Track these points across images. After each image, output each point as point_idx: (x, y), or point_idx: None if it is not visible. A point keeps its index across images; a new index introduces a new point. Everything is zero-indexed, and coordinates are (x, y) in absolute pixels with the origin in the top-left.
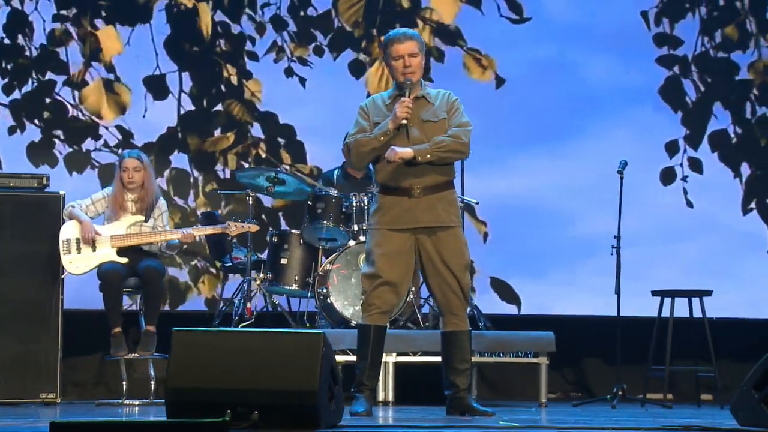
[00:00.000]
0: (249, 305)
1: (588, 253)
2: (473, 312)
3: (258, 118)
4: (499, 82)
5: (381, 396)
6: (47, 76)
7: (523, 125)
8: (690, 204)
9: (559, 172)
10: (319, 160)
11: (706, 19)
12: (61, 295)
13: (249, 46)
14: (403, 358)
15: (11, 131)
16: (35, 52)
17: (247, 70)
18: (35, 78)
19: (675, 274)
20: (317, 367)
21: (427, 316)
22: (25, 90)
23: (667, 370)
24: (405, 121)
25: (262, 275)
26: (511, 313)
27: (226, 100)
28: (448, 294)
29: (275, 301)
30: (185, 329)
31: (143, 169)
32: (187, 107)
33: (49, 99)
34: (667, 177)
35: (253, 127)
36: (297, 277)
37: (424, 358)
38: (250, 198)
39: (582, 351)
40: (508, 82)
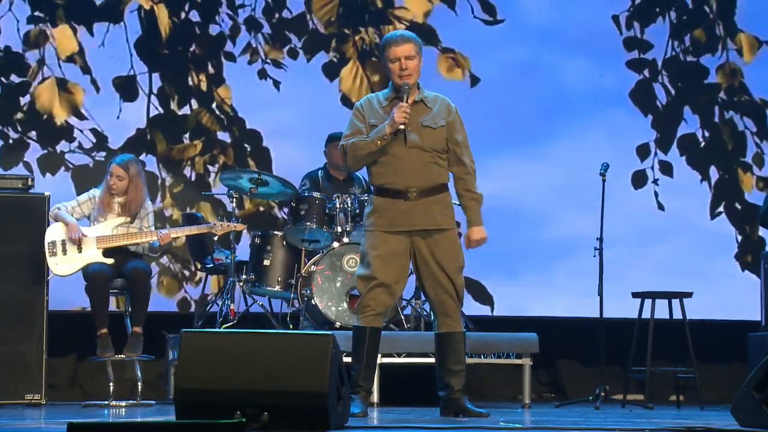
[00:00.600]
0: (233, 306)
1: (561, 255)
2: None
3: (227, 126)
4: (474, 80)
5: None
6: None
7: (496, 127)
8: (661, 207)
9: (532, 173)
10: (294, 162)
11: (675, 23)
12: (46, 296)
13: (228, 46)
14: (387, 360)
15: None
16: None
17: (219, 76)
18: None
19: (646, 276)
20: (327, 368)
21: (409, 317)
22: None
23: (648, 371)
24: (402, 126)
25: (244, 276)
26: (484, 315)
27: (194, 109)
28: (443, 296)
29: (259, 302)
30: (194, 330)
31: (127, 179)
32: (158, 108)
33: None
34: (639, 180)
35: (222, 134)
36: (280, 278)
37: (408, 360)
38: (233, 200)
39: (554, 353)
40: (483, 83)
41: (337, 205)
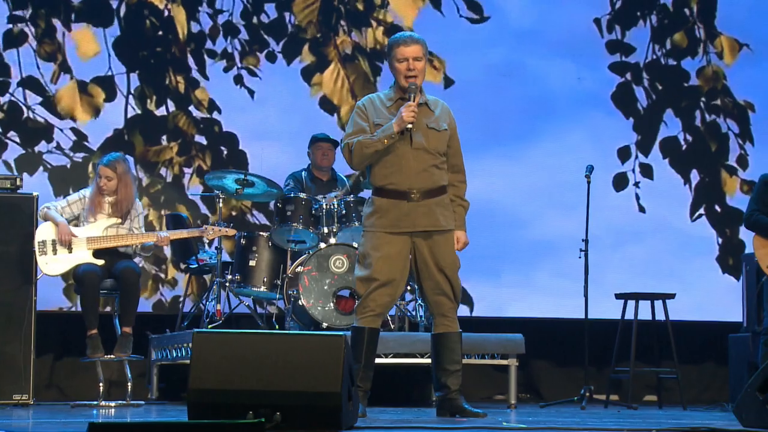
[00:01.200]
0: (219, 307)
1: (542, 256)
2: None
3: (203, 128)
4: (448, 82)
5: None
6: None
7: (477, 128)
8: (642, 209)
9: (513, 175)
10: (274, 165)
11: (656, 26)
12: (34, 296)
13: (198, 51)
14: None
15: None
16: None
17: (195, 78)
18: None
19: (626, 277)
20: (340, 368)
21: (394, 318)
22: None
23: (632, 371)
24: (410, 126)
25: (230, 277)
26: (463, 315)
27: (172, 111)
28: (440, 297)
29: (245, 303)
30: (206, 331)
31: (115, 178)
32: (136, 109)
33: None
34: (620, 182)
35: (199, 137)
36: (265, 278)
37: (394, 360)
38: (220, 200)
39: (530, 353)
40: (464, 84)
41: (324, 206)
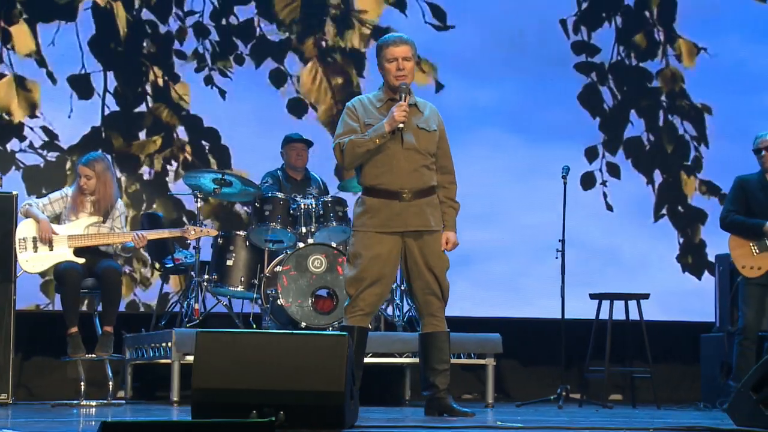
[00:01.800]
0: (197, 306)
1: (510, 255)
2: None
3: (184, 122)
4: (438, 86)
5: None
6: None
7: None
8: (610, 208)
9: (485, 173)
10: (248, 163)
11: (621, 28)
12: (14, 295)
13: (173, 49)
14: None
15: None
16: None
17: (175, 73)
18: None
19: (593, 277)
20: (343, 368)
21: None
22: None
23: (607, 371)
24: (402, 125)
25: (206, 276)
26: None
27: (153, 103)
28: (429, 296)
29: (223, 302)
30: (209, 331)
31: (94, 177)
32: (112, 107)
33: None
34: (587, 181)
35: (180, 131)
36: (243, 278)
37: (372, 360)
38: (198, 200)
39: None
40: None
41: (301, 206)
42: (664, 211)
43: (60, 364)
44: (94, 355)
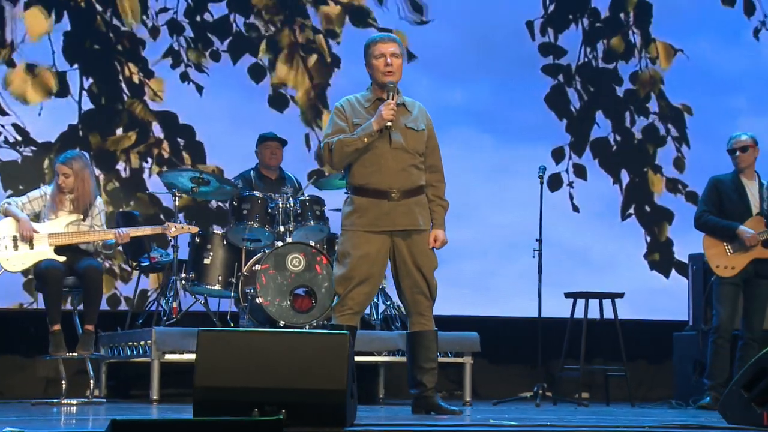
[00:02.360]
0: (175, 305)
1: (479, 255)
2: (396, 312)
3: (159, 118)
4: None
5: None
6: None
7: None
8: (576, 209)
9: (456, 173)
10: (223, 159)
11: (588, 30)
12: None
13: (147, 46)
14: None
15: None
16: None
17: (150, 69)
18: None
19: (561, 277)
20: (345, 366)
21: None
22: None
23: (582, 369)
24: (390, 124)
25: (184, 275)
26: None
27: (128, 100)
28: (417, 295)
29: (201, 301)
30: (212, 330)
31: (72, 175)
32: (87, 105)
33: None
34: (554, 183)
35: (155, 127)
36: (220, 277)
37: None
38: (176, 198)
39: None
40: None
41: (279, 205)
42: (632, 210)
43: (27, 363)
44: (75, 353)
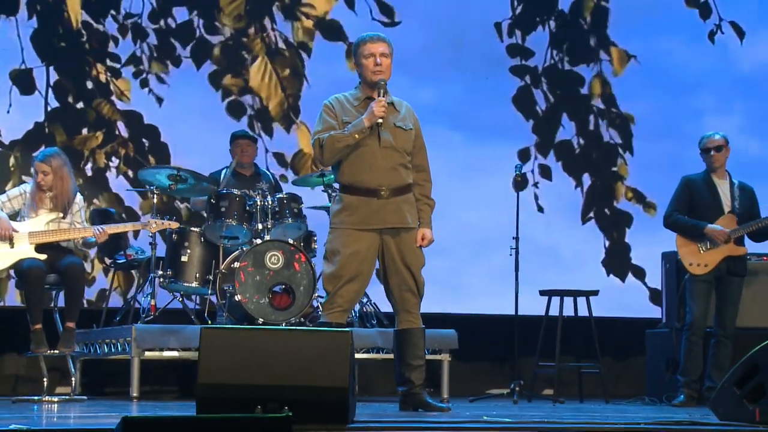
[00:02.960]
0: (153, 302)
1: (449, 252)
2: (373, 309)
3: (125, 118)
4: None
5: None
6: None
7: None
8: (541, 209)
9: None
10: (187, 160)
11: (555, 32)
12: None
13: (113, 46)
14: None
15: None
16: None
17: (116, 68)
18: None
19: (529, 275)
20: (347, 364)
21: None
22: None
23: (557, 366)
24: (381, 121)
25: (161, 272)
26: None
27: (95, 99)
28: (406, 293)
29: (179, 298)
30: (214, 327)
31: (51, 173)
32: (54, 103)
33: None
34: (519, 183)
35: (121, 126)
36: (198, 274)
37: None
38: (155, 196)
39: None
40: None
41: (257, 203)
42: (592, 214)
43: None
44: (56, 350)
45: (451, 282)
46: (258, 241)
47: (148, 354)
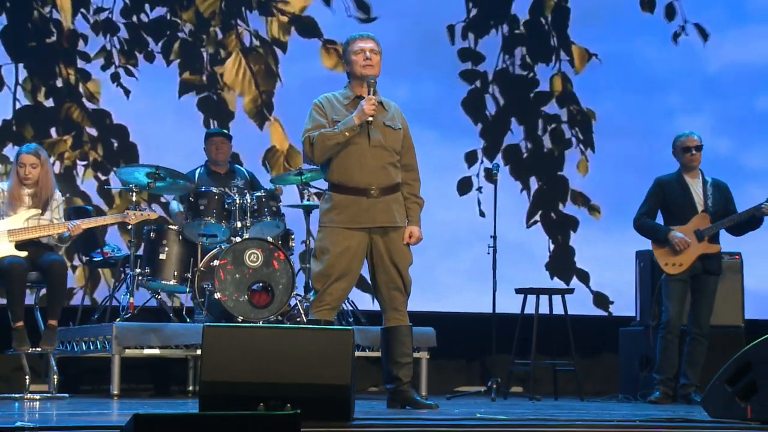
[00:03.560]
0: (132, 300)
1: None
2: (351, 307)
3: (94, 119)
4: None
5: None
6: None
7: None
8: (482, 214)
9: None
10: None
11: (507, 36)
12: None
13: (84, 45)
14: None
15: None
16: None
17: (86, 71)
18: None
19: (463, 281)
20: (349, 362)
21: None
22: None
23: (533, 364)
24: (371, 118)
25: (139, 270)
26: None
27: (65, 102)
28: (393, 291)
29: (158, 296)
30: (216, 325)
31: (39, 165)
32: (23, 101)
33: None
34: (464, 186)
35: (90, 129)
36: (176, 272)
37: None
38: (134, 194)
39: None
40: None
41: (236, 201)
42: (537, 218)
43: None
44: (39, 348)
45: (425, 280)
46: (237, 239)
47: (128, 352)
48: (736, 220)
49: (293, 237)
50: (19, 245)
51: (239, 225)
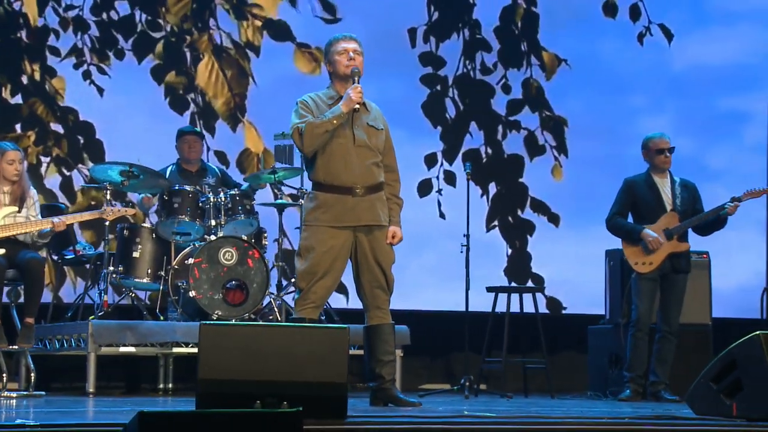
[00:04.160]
0: (106, 298)
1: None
2: (327, 306)
3: (60, 117)
4: None
5: None
6: None
7: None
8: (443, 215)
9: None
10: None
11: (468, 41)
12: None
13: (53, 40)
14: None
15: None
16: None
17: (52, 67)
18: None
19: (425, 283)
20: (345, 360)
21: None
22: None
23: (504, 362)
24: (358, 106)
25: (112, 268)
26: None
27: (29, 98)
28: (376, 290)
29: (132, 294)
30: (214, 324)
31: (19, 162)
32: None
33: None
34: (424, 188)
35: (55, 125)
36: (149, 270)
37: None
38: (108, 192)
39: None
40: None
41: (210, 199)
42: (496, 222)
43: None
44: (16, 346)
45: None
46: (212, 237)
47: (104, 350)
48: (704, 218)
49: (266, 235)
50: None
51: (213, 223)
